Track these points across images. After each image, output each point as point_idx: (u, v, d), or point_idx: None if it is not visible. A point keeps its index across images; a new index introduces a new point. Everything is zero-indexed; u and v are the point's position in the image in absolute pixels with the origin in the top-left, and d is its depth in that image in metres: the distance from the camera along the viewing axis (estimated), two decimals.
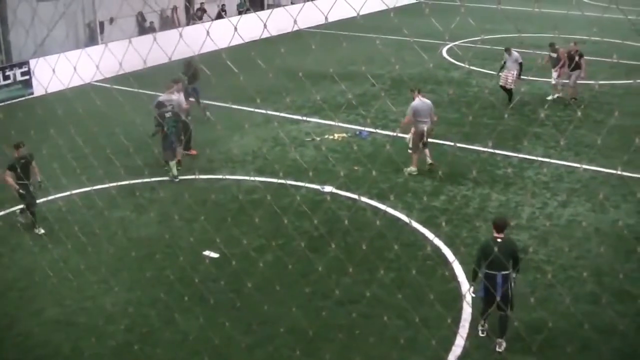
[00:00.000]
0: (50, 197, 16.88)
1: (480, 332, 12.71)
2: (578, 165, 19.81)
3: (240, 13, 39.63)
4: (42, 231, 16.62)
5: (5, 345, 12.79)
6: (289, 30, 18.82)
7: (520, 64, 25.57)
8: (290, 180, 18.91)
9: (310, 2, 17.11)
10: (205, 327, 12.58)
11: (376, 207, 17.48)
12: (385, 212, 17.12)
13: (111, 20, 34.25)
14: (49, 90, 25.23)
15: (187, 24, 37.35)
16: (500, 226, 12.19)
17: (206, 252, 15.29)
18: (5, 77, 28.29)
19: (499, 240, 12.05)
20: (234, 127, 23.64)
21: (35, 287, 14.49)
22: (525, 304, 13.04)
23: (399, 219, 16.88)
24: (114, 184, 16.78)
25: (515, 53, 25.79)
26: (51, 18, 31.15)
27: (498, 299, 11.55)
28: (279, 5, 40.17)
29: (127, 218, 17.10)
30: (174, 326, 12.85)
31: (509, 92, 25.71)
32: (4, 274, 15.16)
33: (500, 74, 26.05)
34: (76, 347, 12.65)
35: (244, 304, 13.11)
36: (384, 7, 25.56)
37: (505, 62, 25.89)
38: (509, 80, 25.55)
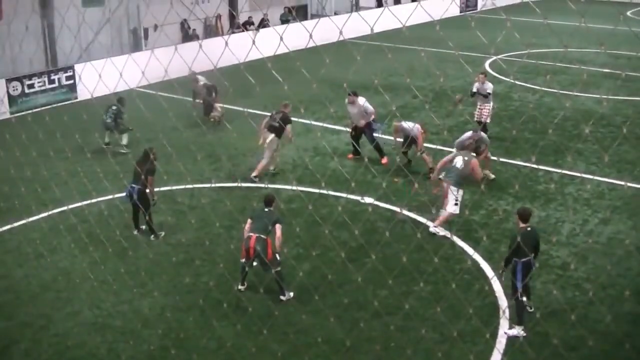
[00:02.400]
0: (93, 200, 17.01)
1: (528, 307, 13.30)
2: (620, 182, 19.59)
3: (283, 23, 39.78)
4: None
5: (42, 346, 12.91)
6: (334, 40, 18.84)
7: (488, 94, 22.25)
8: (330, 191, 18.91)
9: (355, 13, 17.12)
10: (242, 335, 12.62)
11: (415, 220, 17.42)
12: (425, 225, 17.05)
13: (155, 27, 34.57)
14: (94, 95, 25.47)
15: (230, 33, 37.59)
16: (524, 216, 13.18)
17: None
18: (51, 81, 28.64)
19: (528, 229, 13.10)
20: None
21: (72, 289, 14.62)
22: (564, 321, 12.92)
23: (437, 232, 16.79)
24: (156, 189, 16.91)
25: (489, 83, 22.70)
26: (97, 24, 31.56)
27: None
28: (322, 15, 40.29)
29: (167, 223, 17.20)
30: (211, 333, 12.89)
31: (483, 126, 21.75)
32: (42, 274, 15.32)
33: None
34: (112, 350, 12.74)
35: (281, 312, 13.13)
36: (429, 19, 25.23)
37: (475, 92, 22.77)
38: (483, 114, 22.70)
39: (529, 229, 13.07)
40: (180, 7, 34.55)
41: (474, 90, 22.71)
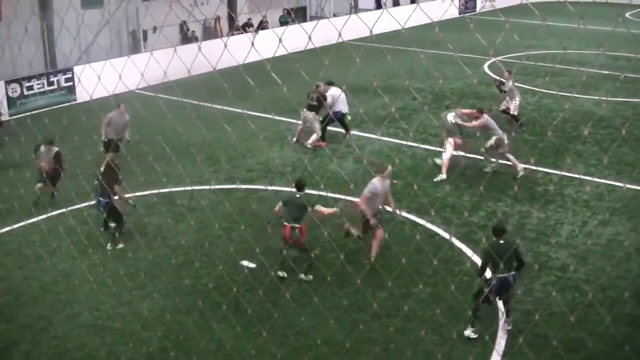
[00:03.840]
0: (91, 202, 17.01)
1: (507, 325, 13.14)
2: (619, 183, 19.59)
3: (282, 25, 39.78)
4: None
5: (42, 348, 12.91)
6: (333, 42, 18.87)
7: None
8: (329, 192, 18.89)
9: (354, 15, 17.15)
10: (241, 337, 12.62)
11: (415, 221, 17.42)
12: (424, 227, 17.06)
13: (154, 29, 34.56)
14: (93, 97, 25.48)
15: (229, 35, 37.56)
16: (497, 231, 12.87)
17: (244, 262, 15.32)
18: (50, 83, 28.67)
19: (501, 242, 12.77)
20: (275, 137, 23.74)
21: (72, 291, 14.62)
22: (564, 323, 12.93)
23: (437, 234, 16.80)
24: (155, 190, 16.90)
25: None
26: (96, 25, 31.56)
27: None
28: (322, 17, 40.27)
29: (167, 225, 17.20)
30: (210, 334, 12.89)
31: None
32: (41, 277, 15.32)
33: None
34: (111, 352, 12.74)
35: (281, 314, 13.12)
36: (428, 21, 25.25)
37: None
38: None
39: (501, 242, 12.73)
40: (179, 9, 34.54)
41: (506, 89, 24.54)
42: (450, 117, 20.54)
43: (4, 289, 14.90)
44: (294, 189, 15.03)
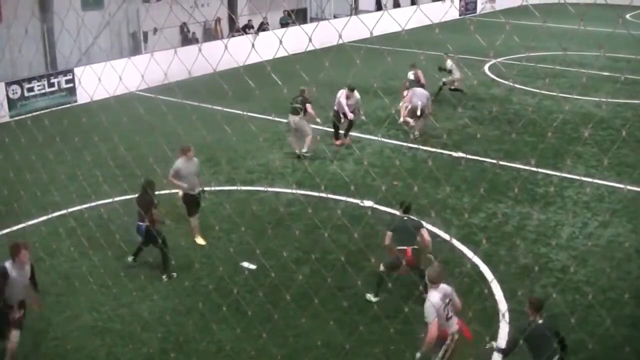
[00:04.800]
0: (92, 204, 17.00)
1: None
2: (620, 185, 19.58)
3: (283, 26, 39.77)
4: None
5: (41, 350, 12.92)
6: (333, 43, 18.88)
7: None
8: (329, 194, 18.90)
9: (354, 16, 17.15)
10: (242, 338, 12.62)
11: None
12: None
13: (155, 30, 34.57)
14: (93, 99, 25.47)
15: (230, 36, 37.56)
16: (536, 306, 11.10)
17: (244, 264, 15.33)
18: (50, 85, 28.68)
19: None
20: (275, 139, 23.74)
21: (72, 292, 14.61)
22: (564, 324, 12.90)
23: (437, 236, 16.79)
24: (155, 192, 16.83)
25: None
26: (96, 27, 31.56)
27: None
28: (322, 19, 40.26)
29: (166, 227, 17.18)
30: (210, 336, 12.89)
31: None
32: (42, 278, 15.29)
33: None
34: (111, 353, 12.74)
35: (281, 315, 13.10)
36: (428, 22, 25.27)
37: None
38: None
39: (540, 321, 11.18)
40: (179, 10, 34.54)
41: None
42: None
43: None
44: (400, 213, 14.20)
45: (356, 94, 23.44)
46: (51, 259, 15.87)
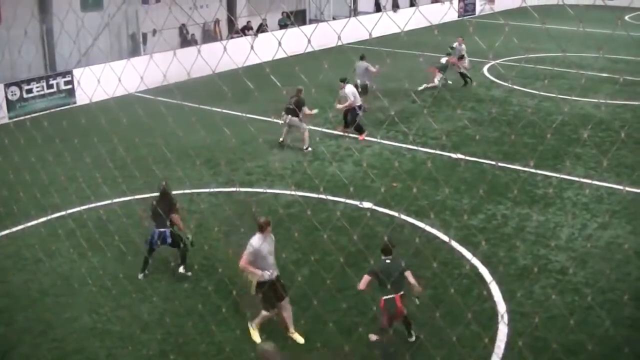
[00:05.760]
0: (91, 205, 17.00)
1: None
2: (619, 186, 19.58)
3: (281, 28, 39.76)
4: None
5: (41, 351, 12.90)
6: (332, 45, 18.89)
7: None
8: (328, 195, 18.90)
9: (353, 18, 17.18)
10: (241, 340, 12.63)
11: (414, 224, 17.40)
12: (423, 230, 17.04)
13: (154, 32, 34.57)
14: (93, 100, 25.45)
15: (229, 38, 37.54)
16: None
17: None
18: (49, 86, 28.70)
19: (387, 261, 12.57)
20: (274, 140, 23.74)
21: (71, 294, 14.61)
22: (563, 326, 12.93)
23: (436, 237, 16.80)
24: (155, 194, 16.82)
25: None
26: (96, 28, 31.56)
27: None
28: (321, 20, 40.24)
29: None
30: (210, 337, 12.88)
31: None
32: (41, 279, 15.31)
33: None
34: (111, 355, 12.73)
35: (281, 317, 13.11)
36: (427, 24, 25.40)
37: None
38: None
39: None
40: (178, 12, 34.53)
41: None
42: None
43: (3, 291, 14.90)
44: (382, 255, 12.84)
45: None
46: (50, 260, 15.86)
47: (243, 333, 12.66)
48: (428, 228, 17.13)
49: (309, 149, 22.90)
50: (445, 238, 16.56)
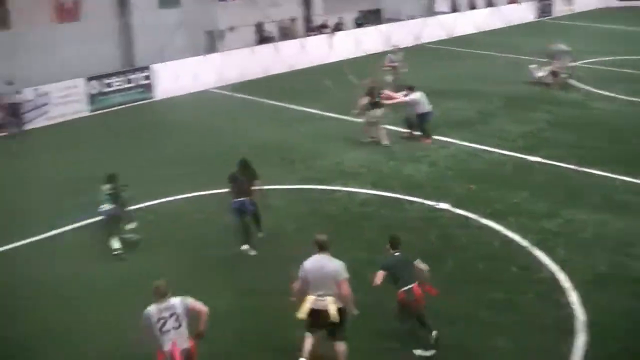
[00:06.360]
0: (168, 199, 17.13)
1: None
2: None
3: (358, 27, 39.62)
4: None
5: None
6: (408, 44, 18.76)
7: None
8: (404, 195, 18.76)
9: (430, 17, 17.05)
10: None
11: (490, 227, 17.15)
12: (499, 232, 16.80)
13: (231, 29, 34.77)
14: (169, 95, 25.71)
15: (305, 36, 37.55)
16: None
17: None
18: (128, 81, 29.11)
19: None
20: (350, 140, 23.65)
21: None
22: None
23: (512, 240, 16.52)
24: (226, 190, 16.76)
25: None
26: (173, 25, 31.92)
27: None
28: (398, 20, 40.07)
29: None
30: (284, 332, 12.80)
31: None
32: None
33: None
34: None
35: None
36: (505, 25, 25.24)
37: None
38: None
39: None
40: (255, 9, 34.70)
41: None
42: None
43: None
44: (391, 250, 12.53)
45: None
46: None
47: None
48: (504, 231, 16.86)
49: (388, 144, 22.89)
50: (523, 242, 16.27)
